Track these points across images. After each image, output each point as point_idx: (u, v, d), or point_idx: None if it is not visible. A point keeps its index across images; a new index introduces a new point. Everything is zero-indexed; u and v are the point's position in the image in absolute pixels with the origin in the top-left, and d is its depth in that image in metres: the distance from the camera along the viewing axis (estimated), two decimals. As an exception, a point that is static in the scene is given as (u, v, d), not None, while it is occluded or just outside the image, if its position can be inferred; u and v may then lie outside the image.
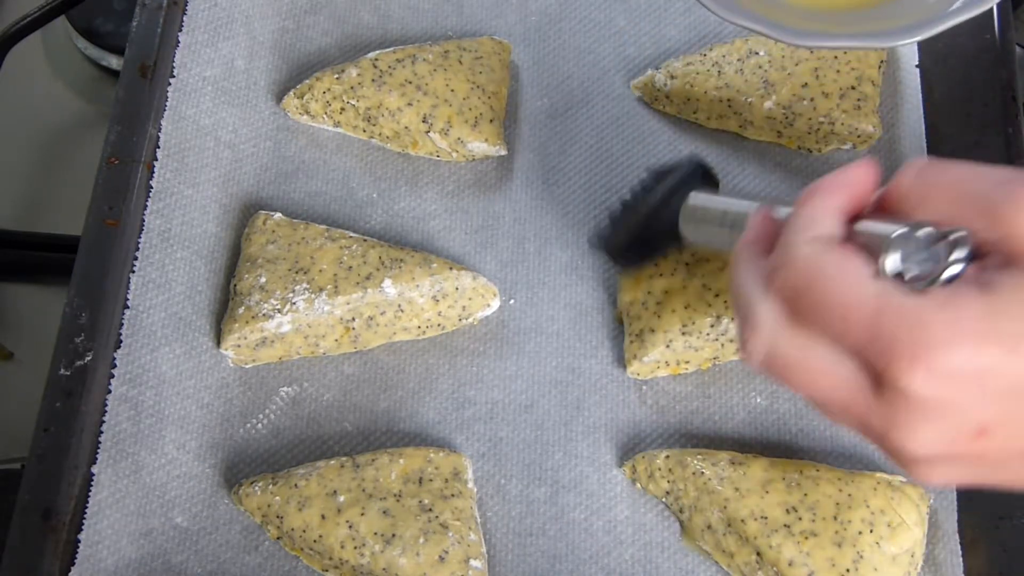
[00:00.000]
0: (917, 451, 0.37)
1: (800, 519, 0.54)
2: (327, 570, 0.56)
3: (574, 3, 0.72)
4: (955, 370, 0.35)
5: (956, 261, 0.37)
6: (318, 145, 0.67)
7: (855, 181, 0.42)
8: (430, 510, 0.55)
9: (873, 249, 0.39)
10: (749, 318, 0.41)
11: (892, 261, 0.38)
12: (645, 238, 0.56)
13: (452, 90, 0.65)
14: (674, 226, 0.54)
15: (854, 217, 0.41)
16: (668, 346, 0.59)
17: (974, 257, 0.38)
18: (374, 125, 0.66)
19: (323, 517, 0.55)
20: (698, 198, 0.53)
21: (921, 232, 0.38)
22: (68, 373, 0.60)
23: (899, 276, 0.38)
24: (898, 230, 0.38)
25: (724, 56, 0.66)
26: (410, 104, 0.65)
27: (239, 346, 0.60)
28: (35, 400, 0.60)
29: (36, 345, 0.80)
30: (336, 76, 0.66)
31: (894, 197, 0.41)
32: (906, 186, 0.40)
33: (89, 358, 0.60)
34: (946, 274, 0.37)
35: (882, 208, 0.41)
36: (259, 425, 0.60)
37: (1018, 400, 0.36)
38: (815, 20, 0.57)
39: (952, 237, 0.37)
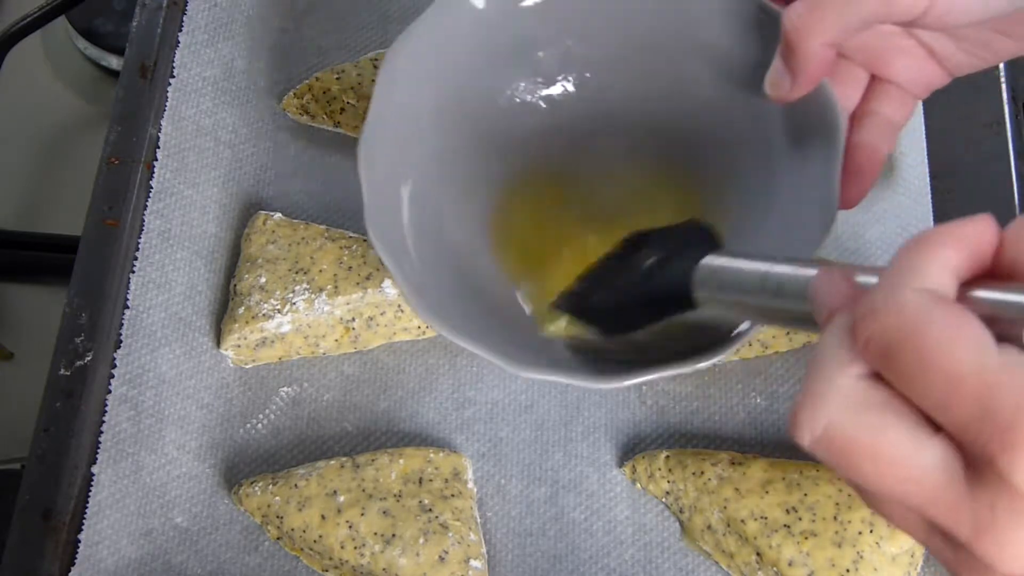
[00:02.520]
0: (1013, 561, 0.30)
1: (800, 519, 0.54)
2: (327, 570, 0.57)
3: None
4: None
5: None
6: (318, 145, 0.67)
7: (975, 237, 0.34)
8: (430, 510, 0.55)
9: (996, 322, 0.31)
10: (810, 384, 0.33)
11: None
12: (641, 303, 0.48)
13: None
14: (680, 290, 0.46)
15: (968, 282, 0.33)
16: (668, 346, 0.59)
17: None
18: (374, 125, 0.66)
19: (323, 517, 0.55)
20: (720, 260, 0.45)
21: None
22: (68, 373, 0.60)
23: None
24: None
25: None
26: (410, 104, 0.65)
27: (239, 346, 0.60)
28: (35, 400, 0.60)
29: (36, 345, 0.80)
30: (336, 76, 0.66)
31: (1007, 258, 0.34)
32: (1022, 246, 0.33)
33: (89, 358, 0.60)
34: None
35: (992, 271, 0.34)
36: (259, 425, 0.60)
37: None
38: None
39: None
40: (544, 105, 0.58)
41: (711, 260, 0.45)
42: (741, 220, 0.53)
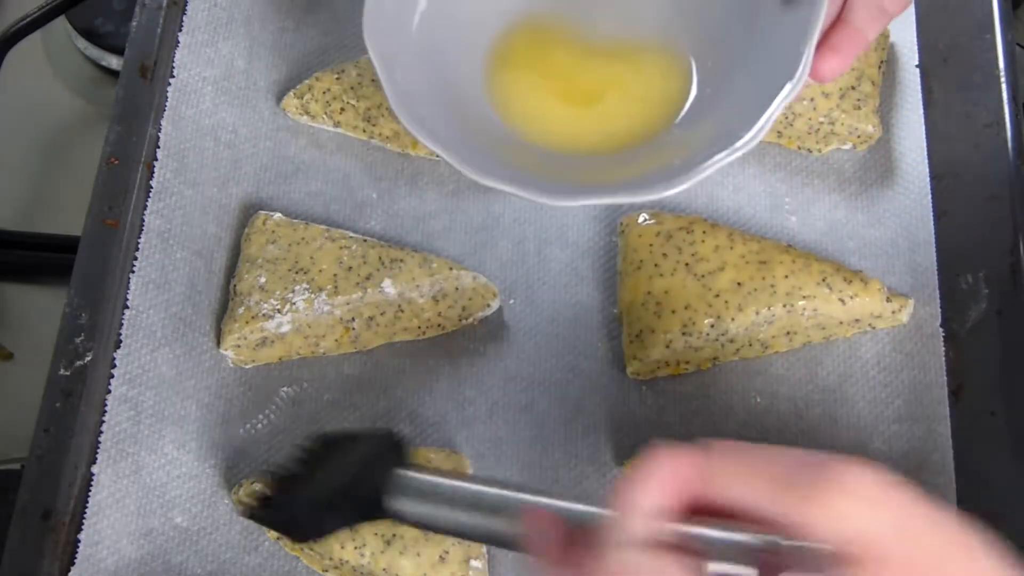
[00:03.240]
0: None
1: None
2: (327, 570, 0.56)
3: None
4: None
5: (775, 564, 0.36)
6: (318, 145, 0.67)
7: (666, 475, 0.38)
8: (430, 510, 0.55)
9: (692, 549, 0.37)
10: None
11: (714, 568, 0.37)
12: (334, 509, 0.47)
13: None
14: (372, 496, 0.45)
15: (670, 510, 0.39)
16: (668, 346, 0.59)
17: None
18: (374, 125, 0.66)
19: (323, 517, 0.55)
20: (423, 474, 0.46)
21: (740, 537, 0.37)
22: (68, 373, 0.60)
23: None
24: (719, 535, 0.37)
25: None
26: (410, 104, 0.65)
27: (239, 346, 0.60)
28: (35, 400, 0.60)
29: (36, 345, 0.80)
30: (336, 76, 0.66)
31: (703, 478, 0.38)
32: (715, 467, 0.38)
33: (89, 358, 0.60)
34: None
35: (689, 491, 0.39)
36: (259, 425, 0.60)
37: None
38: (575, 169, 0.56)
39: (767, 542, 0.37)
40: None
41: (413, 472, 0.45)
42: (721, 67, 0.56)
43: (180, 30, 0.69)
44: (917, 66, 0.69)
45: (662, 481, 0.38)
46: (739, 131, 0.51)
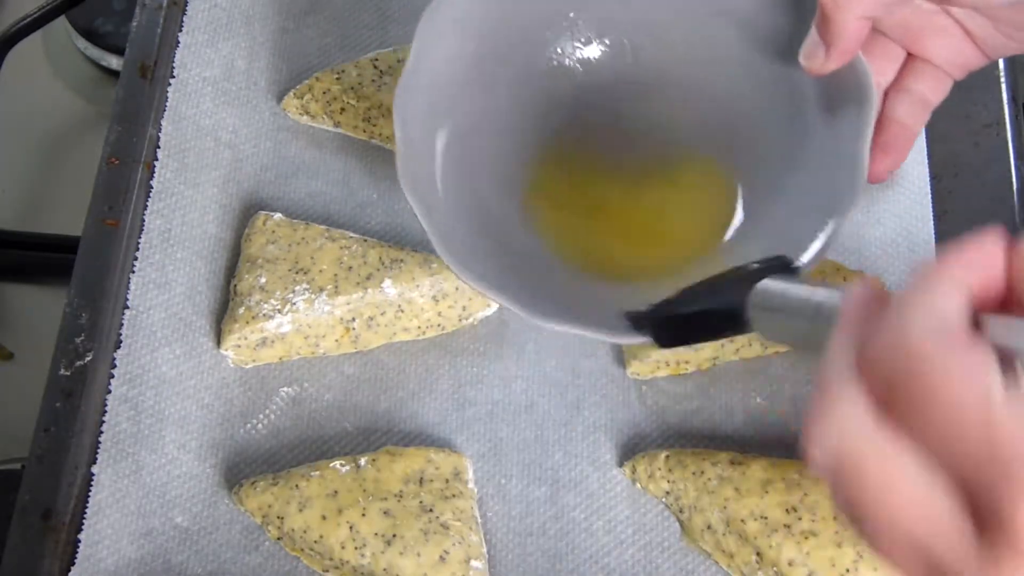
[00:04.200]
0: None
1: (800, 519, 0.54)
2: (327, 571, 0.56)
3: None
4: None
5: None
6: (318, 145, 0.67)
7: (984, 262, 0.32)
8: (431, 510, 0.55)
9: (1007, 355, 0.30)
10: (824, 399, 0.32)
11: None
12: (698, 317, 0.48)
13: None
14: (736, 310, 0.45)
15: (980, 307, 0.32)
16: (668, 346, 0.59)
17: None
18: (374, 125, 0.66)
19: (324, 517, 0.55)
20: (774, 283, 0.44)
21: None
22: (68, 373, 0.60)
23: None
24: None
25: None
26: (410, 104, 0.65)
27: (239, 346, 0.60)
28: (35, 400, 0.60)
29: (36, 345, 0.80)
30: (336, 76, 0.66)
31: (1018, 276, 0.33)
32: None
33: (89, 358, 0.60)
34: None
35: (1006, 291, 0.33)
36: (259, 425, 0.60)
37: None
38: (625, 296, 0.53)
39: None
40: (580, 68, 0.59)
41: (767, 283, 0.44)
42: (767, 188, 0.54)
43: (180, 30, 0.69)
44: (917, 66, 0.69)
45: (982, 268, 0.32)
46: (790, 255, 0.48)
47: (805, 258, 0.50)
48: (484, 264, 0.52)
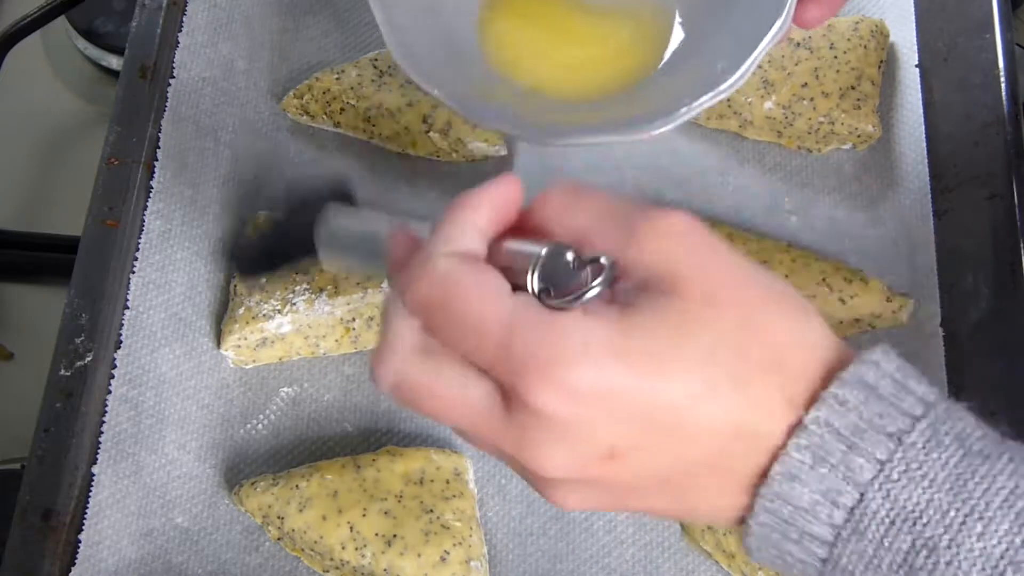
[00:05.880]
0: (548, 472, 0.36)
1: (800, 519, 0.54)
2: (328, 571, 0.57)
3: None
4: (585, 389, 0.34)
5: (598, 283, 0.36)
6: (318, 145, 0.67)
7: (499, 198, 0.39)
8: (431, 511, 0.55)
9: (516, 270, 0.37)
10: (382, 339, 0.38)
11: (534, 280, 0.37)
12: (274, 251, 0.53)
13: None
14: (307, 244, 0.49)
15: (498, 236, 0.39)
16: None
17: (615, 281, 0.37)
18: (374, 125, 0.66)
19: (324, 518, 0.55)
20: (336, 219, 0.48)
21: (566, 254, 0.37)
22: (68, 373, 0.60)
23: (540, 296, 0.37)
24: (543, 249, 0.37)
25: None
26: (410, 104, 0.65)
27: (239, 347, 0.60)
28: (35, 400, 0.60)
29: (36, 345, 0.80)
30: (336, 76, 0.66)
31: (537, 215, 0.40)
32: (550, 204, 0.39)
33: (89, 358, 0.60)
34: (588, 295, 0.36)
35: (523, 226, 0.40)
36: (259, 426, 0.60)
37: (648, 424, 0.35)
38: (561, 112, 0.56)
39: (598, 261, 0.37)
40: None
41: (333, 214, 0.48)
42: (699, 14, 0.57)
43: (180, 30, 0.69)
44: (917, 66, 0.69)
45: (494, 203, 0.39)
46: (723, 75, 0.51)
47: (740, 71, 0.51)
48: (433, 63, 0.53)
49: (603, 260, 0.37)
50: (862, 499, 0.34)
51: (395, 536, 0.54)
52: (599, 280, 0.36)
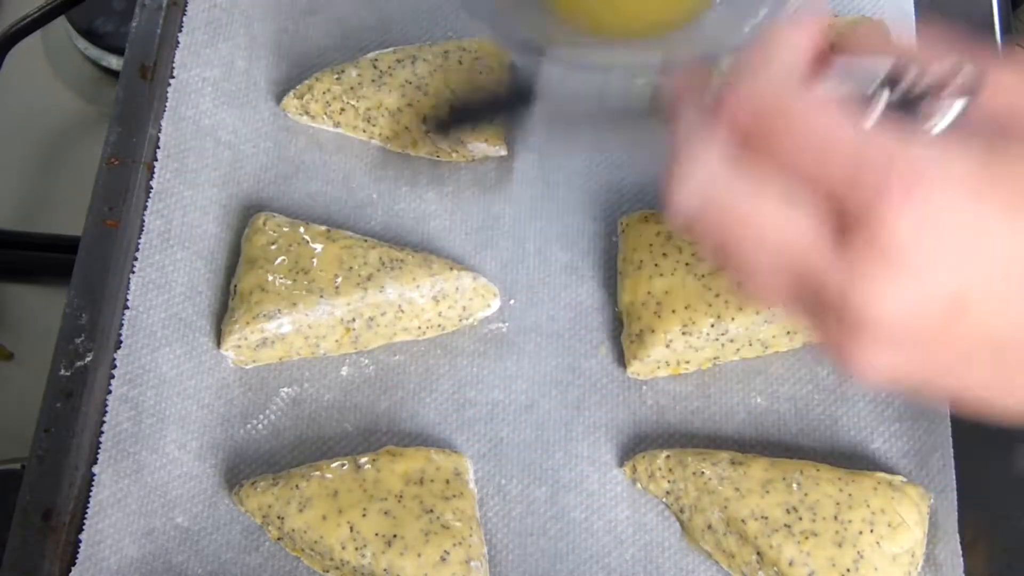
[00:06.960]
0: (880, 313, 0.31)
1: (800, 519, 0.54)
2: (328, 571, 0.57)
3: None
4: (948, 219, 0.30)
5: (957, 107, 0.32)
6: (318, 145, 0.67)
7: (811, 25, 0.36)
8: (431, 511, 0.55)
9: (845, 92, 0.34)
10: (679, 161, 0.34)
11: (882, 101, 0.33)
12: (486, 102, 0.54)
13: (452, 90, 0.65)
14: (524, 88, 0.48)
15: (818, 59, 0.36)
16: (668, 346, 0.59)
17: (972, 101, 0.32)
18: (374, 125, 0.66)
19: (324, 518, 0.55)
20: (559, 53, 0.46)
21: (911, 69, 0.33)
22: (68, 373, 0.60)
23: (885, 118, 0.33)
24: (890, 61, 0.33)
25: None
26: (410, 104, 0.65)
27: (239, 347, 0.60)
28: (35, 400, 0.60)
29: (36, 345, 0.80)
30: (336, 76, 0.66)
31: (855, 42, 0.36)
32: (863, 32, 0.37)
33: (89, 358, 0.60)
34: (945, 121, 0.32)
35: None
36: (259, 426, 0.60)
37: (1005, 273, 0.31)
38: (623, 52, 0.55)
39: (958, 78, 0.32)
40: None
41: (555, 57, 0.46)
42: None
43: (180, 30, 0.69)
44: (917, 66, 0.68)
45: (808, 29, 0.35)
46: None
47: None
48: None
49: (966, 72, 0.32)
50: None
51: (395, 536, 0.54)
52: (961, 104, 0.32)
